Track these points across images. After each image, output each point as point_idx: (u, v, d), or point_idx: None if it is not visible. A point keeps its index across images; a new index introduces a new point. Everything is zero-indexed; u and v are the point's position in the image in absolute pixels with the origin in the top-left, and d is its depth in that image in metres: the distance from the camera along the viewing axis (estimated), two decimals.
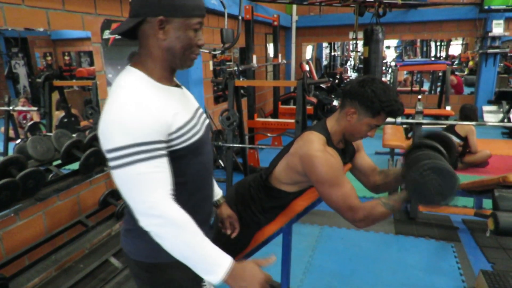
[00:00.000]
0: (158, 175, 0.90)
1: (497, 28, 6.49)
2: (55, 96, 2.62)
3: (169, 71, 1.02)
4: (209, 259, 0.91)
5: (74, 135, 2.53)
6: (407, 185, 1.30)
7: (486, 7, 6.30)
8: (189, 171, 1.03)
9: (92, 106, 2.65)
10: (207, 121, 1.16)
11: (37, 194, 2.12)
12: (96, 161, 2.43)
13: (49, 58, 2.57)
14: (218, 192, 1.39)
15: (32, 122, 2.54)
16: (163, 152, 0.92)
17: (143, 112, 0.88)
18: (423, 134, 1.58)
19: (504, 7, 6.24)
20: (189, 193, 1.06)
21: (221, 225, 1.43)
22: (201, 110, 1.15)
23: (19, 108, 2.45)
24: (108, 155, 0.89)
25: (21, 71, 2.36)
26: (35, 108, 2.52)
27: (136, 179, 0.88)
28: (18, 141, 2.48)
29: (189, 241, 0.90)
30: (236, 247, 1.65)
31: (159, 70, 0.99)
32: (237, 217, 1.44)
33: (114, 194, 2.54)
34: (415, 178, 1.25)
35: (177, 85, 1.08)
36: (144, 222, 0.89)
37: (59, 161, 2.39)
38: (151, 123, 0.89)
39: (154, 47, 0.96)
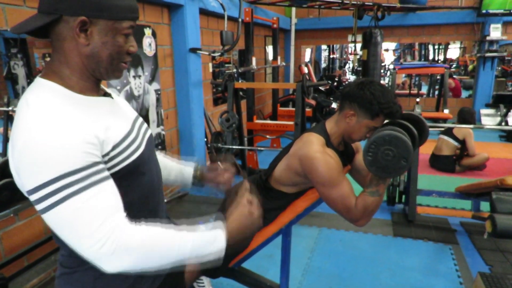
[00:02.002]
0: (102, 202, 0.73)
1: (495, 32, 6.54)
2: None
3: (93, 80, 0.83)
4: (203, 246, 0.81)
5: None
6: (367, 167, 1.29)
7: (483, 11, 6.34)
8: (131, 197, 0.85)
9: None
10: (149, 132, 0.98)
11: None
12: None
13: (48, 59, 2.58)
14: (184, 168, 1.17)
15: None
16: (103, 175, 0.75)
17: (63, 133, 0.70)
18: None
19: (501, 11, 6.28)
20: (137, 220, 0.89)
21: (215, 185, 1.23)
22: (140, 120, 0.97)
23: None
24: (32, 197, 0.71)
25: (20, 71, 2.36)
26: None
27: (75, 216, 0.70)
28: None
29: (173, 249, 0.78)
30: (235, 248, 1.65)
31: (79, 80, 0.81)
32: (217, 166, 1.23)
33: None
34: (365, 157, 1.26)
35: (105, 94, 0.89)
36: (109, 266, 0.73)
37: None
38: (77, 145, 0.71)
39: (72, 53, 0.78)
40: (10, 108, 2.39)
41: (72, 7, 0.74)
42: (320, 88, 7.52)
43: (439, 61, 11.20)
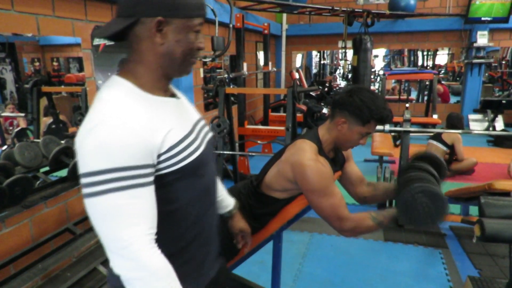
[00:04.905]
0: (136, 207, 0.75)
1: (482, 39, 6.66)
2: (43, 102, 2.59)
3: (164, 79, 0.87)
4: None
5: (62, 142, 2.50)
6: (398, 205, 1.31)
7: (470, 18, 6.46)
8: (183, 197, 0.87)
9: (81, 112, 2.63)
10: (210, 134, 1.00)
11: (24, 201, 2.08)
12: None
13: (37, 63, 2.55)
14: (229, 203, 1.24)
15: (19, 128, 2.51)
16: (148, 179, 0.78)
17: (125, 131, 0.74)
18: (414, 155, 1.61)
19: (488, 18, 6.41)
20: (184, 223, 0.90)
21: (234, 240, 1.31)
22: (202, 123, 0.99)
23: (5, 114, 2.42)
24: (81, 180, 0.75)
25: (8, 76, 2.33)
26: (22, 114, 2.49)
27: (109, 212, 0.74)
28: (5, 147, 2.44)
29: None
30: (226, 254, 1.64)
31: (151, 79, 0.85)
32: (250, 230, 1.32)
33: None
34: (406, 199, 1.26)
35: (172, 95, 0.92)
36: (114, 263, 0.76)
37: (47, 168, 2.36)
38: (135, 144, 0.75)
39: (148, 52, 0.82)
40: None
41: (149, 9, 0.78)
42: (311, 93, 7.57)
43: (428, 67, 11.36)
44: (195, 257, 0.95)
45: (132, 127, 0.75)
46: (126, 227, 0.74)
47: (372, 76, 9.94)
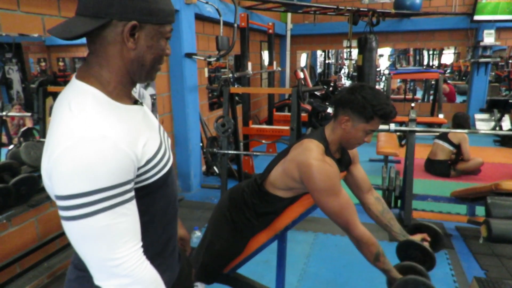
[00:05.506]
0: (125, 224, 0.73)
1: (488, 37, 6.60)
2: (49, 101, 2.61)
3: (130, 85, 0.83)
4: None
5: None
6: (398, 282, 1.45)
7: (477, 17, 6.41)
8: (156, 208, 0.86)
9: None
10: (169, 140, 0.98)
11: (30, 201, 2.10)
12: None
13: (43, 63, 2.57)
14: None
15: (25, 128, 2.53)
16: (131, 193, 0.75)
17: (108, 148, 0.70)
18: (413, 225, 1.81)
19: (494, 17, 6.35)
20: (156, 232, 0.89)
21: None
22: (162, 128, 0.97)
23: (12, 113, 2.44)
24: (60, 203, 0.69)
25: (15, 76, 2.35)
26: (29, 114, 2.51)
27: (98, 234, 0.70)
28: (11, 147, 2.46)
29: None
30: (230, 254, 1.64)
31: (117, 85, 0.80)
32: (190, 238, 1.25)
33: None
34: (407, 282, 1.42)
35: (135, 101, 0.88)
36: (104, 282, 0.73)
37: None
38: (119, 161, 0.71)
39: (115, 57, 0.77)
40: (4, 113, 2.38)
41: (123, 11, 0.73)
42: (316, 93, 7.55)
43: (434, 67, 11.30)
44: (163, 264, 0.93)
45: (115, 143, 0.71)
46: (118, 246, 0.72)
47: (377, 76, 9.91)
